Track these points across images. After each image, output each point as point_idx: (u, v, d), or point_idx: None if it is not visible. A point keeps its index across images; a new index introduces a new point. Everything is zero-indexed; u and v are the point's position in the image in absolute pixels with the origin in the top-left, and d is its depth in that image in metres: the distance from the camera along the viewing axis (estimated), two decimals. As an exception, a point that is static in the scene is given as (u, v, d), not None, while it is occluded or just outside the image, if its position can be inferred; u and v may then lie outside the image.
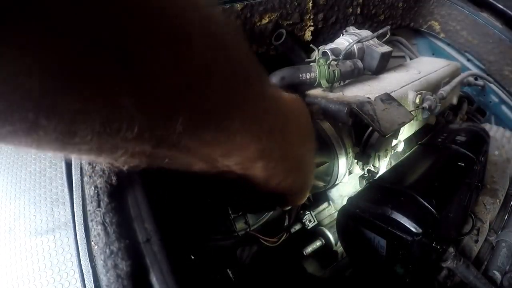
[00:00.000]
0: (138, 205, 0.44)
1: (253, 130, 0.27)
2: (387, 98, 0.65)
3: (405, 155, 0.72)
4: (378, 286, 0.63)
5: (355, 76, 0.76)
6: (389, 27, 0.83)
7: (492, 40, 1.09)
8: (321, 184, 0.67)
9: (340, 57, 0.76)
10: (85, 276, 0.39)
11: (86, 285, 0.39)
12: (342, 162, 0.65)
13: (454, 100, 0.96)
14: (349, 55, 0.79)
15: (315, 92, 0.74)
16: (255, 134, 0.28)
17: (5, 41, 0.13)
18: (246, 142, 0.27)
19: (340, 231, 0.61)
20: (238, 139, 0.26)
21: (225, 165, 0.30)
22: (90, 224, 0.41)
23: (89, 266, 0.39)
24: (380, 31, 0.80)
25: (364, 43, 0.80)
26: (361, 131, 0.65)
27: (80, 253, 0.41)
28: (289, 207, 0.69)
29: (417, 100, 0.76)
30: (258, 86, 0.28)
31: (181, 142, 0.23)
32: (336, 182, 0.69)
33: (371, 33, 0.85)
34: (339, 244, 0.71)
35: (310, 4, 0.93)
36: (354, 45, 0.79)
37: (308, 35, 0.98)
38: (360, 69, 0.76)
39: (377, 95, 0.67)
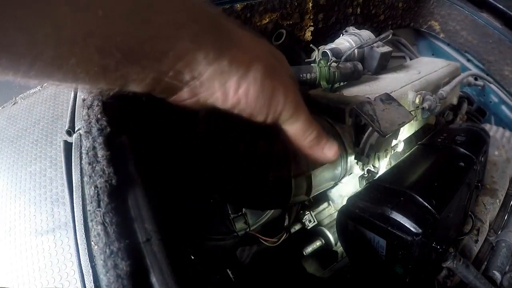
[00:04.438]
0: (138, 205, 0.44)
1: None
2: (387, 98, 0.65)
3: (405, 155, 0.72)
4: (378, 286, 0.63)
5: (355, 78, 0.76)
6: (391, 31, 0.82)
7: (492, 40, 1.09)
8: (332, 183, 0.67)
9: (341, 60, 0.76)
10: (85, 276, 0.39)
11: (86, 285, 0.39)
12: (350, 157, 0.65)
13: (454, 100, 0.96)
14: (349, 55, 0.79)
15: (315, 92, 0.74)
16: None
17: None
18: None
19: (340, 231, 0.61)
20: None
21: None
22: (90, 224, 0.41)
23: (89, 266, 0.39)
24: (382, 35, 0.80)
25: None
26: (361, 131, 0.65)
27: (80, 253, 0.41)
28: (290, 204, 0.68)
29: (417, 100, 0.76)
30: None
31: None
32: (337, 182, 0.69)
33: (370, 33, 0.85)
34: (339, 244, 0.71)
35: (310, 4, 0.93)
36: (354, 44, 0.79)
37: (308, 35, 0.98)
38: (360, 72, 0.76)
39: (377, 95, 0.67)
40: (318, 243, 0.73)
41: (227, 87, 0.36)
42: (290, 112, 0.41)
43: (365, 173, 0.70)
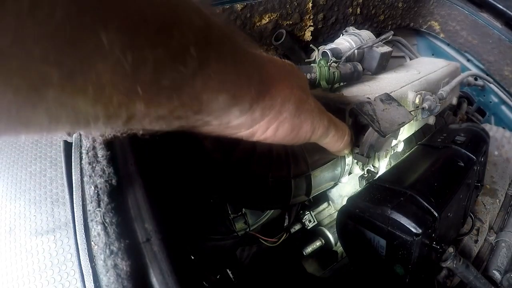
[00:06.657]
0: (138, 205, 0.44)
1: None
2: (387, 98, 0.65)
3: (405, 155, 0.72)
4: (378, 286, 0.63)
5: (355, 79, 0.76)
6: (392, 32, 0.82)
7: (492, 40, 1.09)
8: (331, 183, 0.66)
9: (341, 60, 0.76)
10: (85, 276, 0.39)
11: (86, 285, 0.39)
12: (350, 157, 0.65)
13: (454, 100, 0.96)
14: (349, 55, 0.79)
15: (315, 92, 0.74)
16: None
17: None
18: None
19: (340, 231, 0.61)
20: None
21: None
22: (90, 224, 0.41)
23: (89, 266, 0.39)
24: (383, 36, 0.80)
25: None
26: (361, 131, 0.66)
27: (80, 253, 0.41)
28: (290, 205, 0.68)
29: (417, 100, 0.76)
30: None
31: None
32: (337, 182, 0.69)
33: (370, 33, 0.85)
34: (339, 244, 0.71)
35: (310, 4, 0.93)
36: (354, 44, 0.79)
37: (308, 35, 0.98)
38: (360, 72, 0.76)
39: (377, 95, 0.66)
40: (318, 243, 0.73)
41: (254, 129, 0.34)
42: (318, 135, 0.43)
43: (365, 173, 0.70)
